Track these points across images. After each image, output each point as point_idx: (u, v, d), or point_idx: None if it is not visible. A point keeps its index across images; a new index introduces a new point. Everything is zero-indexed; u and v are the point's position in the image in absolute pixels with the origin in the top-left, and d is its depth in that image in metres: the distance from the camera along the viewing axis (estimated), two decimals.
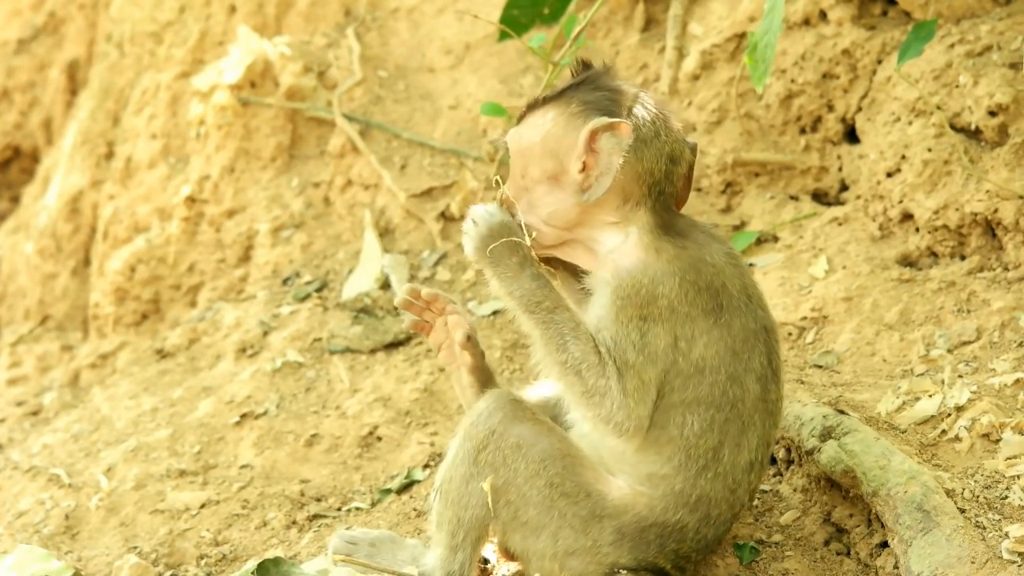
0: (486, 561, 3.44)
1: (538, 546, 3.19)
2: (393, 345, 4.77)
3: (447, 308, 3.44)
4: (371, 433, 4.38)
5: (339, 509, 4.08)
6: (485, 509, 3.17)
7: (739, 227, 4.78)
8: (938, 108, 4.26)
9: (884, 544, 3.30)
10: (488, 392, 3.25)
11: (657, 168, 3.12)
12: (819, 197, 4.81)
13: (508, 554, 3.33)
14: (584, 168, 3.11)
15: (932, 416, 3.53)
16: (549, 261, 3.24)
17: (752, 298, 3.12)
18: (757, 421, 3.11)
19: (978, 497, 3.20)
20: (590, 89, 3.18)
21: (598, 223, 3.16)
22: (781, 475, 3.66)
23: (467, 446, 3.19)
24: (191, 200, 5.62)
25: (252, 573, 3.37)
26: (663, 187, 3.14)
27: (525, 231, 3.16)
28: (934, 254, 4.29)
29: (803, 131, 4.85)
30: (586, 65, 3.26)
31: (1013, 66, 4.19)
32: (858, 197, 4.58)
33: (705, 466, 3.09)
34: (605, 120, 3.09)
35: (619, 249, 3.13)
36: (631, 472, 3.14)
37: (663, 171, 3.13)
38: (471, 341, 3.41)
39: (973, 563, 2.98)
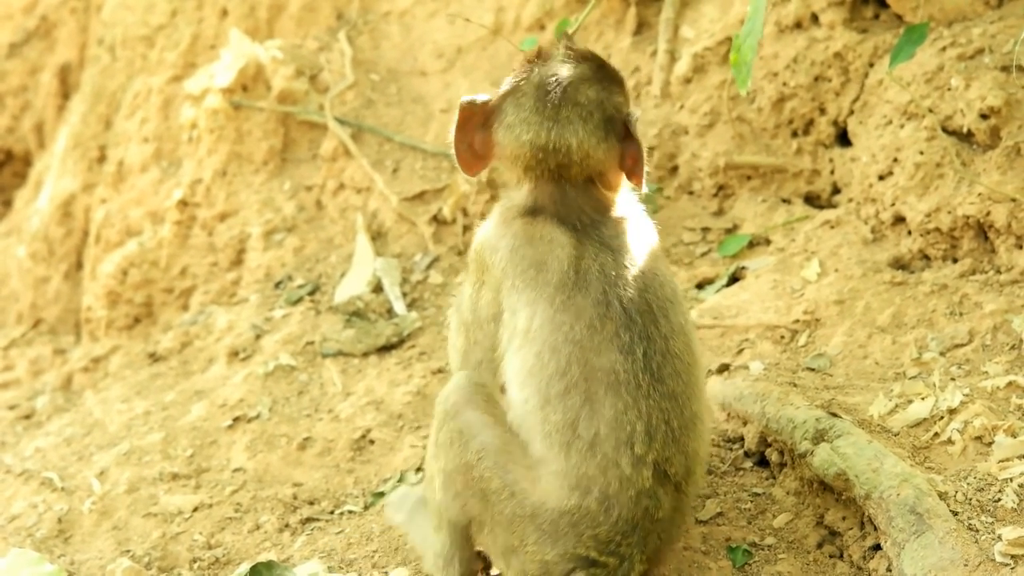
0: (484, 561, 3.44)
1: (485, 540, 3.18)
2: (385, 348, 4.77)
3: None
4: (364, 436, 4.38)
5: (332, 512, 4.07)
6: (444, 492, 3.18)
7: (731, 230, 4.78)
8: (930, 111, 4.27)
9: (877, 547, 3.30)
10: (457, 373, 3.29)
11: (522, 153, 3.20)
12: (811, 200, 4.82)
13: None
14: None
15: (925, 419, 3.53)
16: None
17: (590, 278, 3.08)
18: (602, 394, 3.02)
19: (971, 500, 3.21)
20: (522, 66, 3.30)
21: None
22: (774, 478, 3.66)
23: (433, 427, 3.21)
24: (183, 204, 5.61)
25: None
26: (538, 171, 3.20)
27: None
28: (926, 257, 4.29)
29: (795, 134, 4.86)
30: (566, 38, 3.32)
31: (1005, 69, 4.20)
32: (850, 200, 4.58)
33: (568, 442, 3.02)
34: (466, 100, 3.25)
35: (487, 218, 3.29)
36: (534, 460, 3.09)
37: (531, 156, 3.19)
38: None
39: (966, 566, 2.99)
